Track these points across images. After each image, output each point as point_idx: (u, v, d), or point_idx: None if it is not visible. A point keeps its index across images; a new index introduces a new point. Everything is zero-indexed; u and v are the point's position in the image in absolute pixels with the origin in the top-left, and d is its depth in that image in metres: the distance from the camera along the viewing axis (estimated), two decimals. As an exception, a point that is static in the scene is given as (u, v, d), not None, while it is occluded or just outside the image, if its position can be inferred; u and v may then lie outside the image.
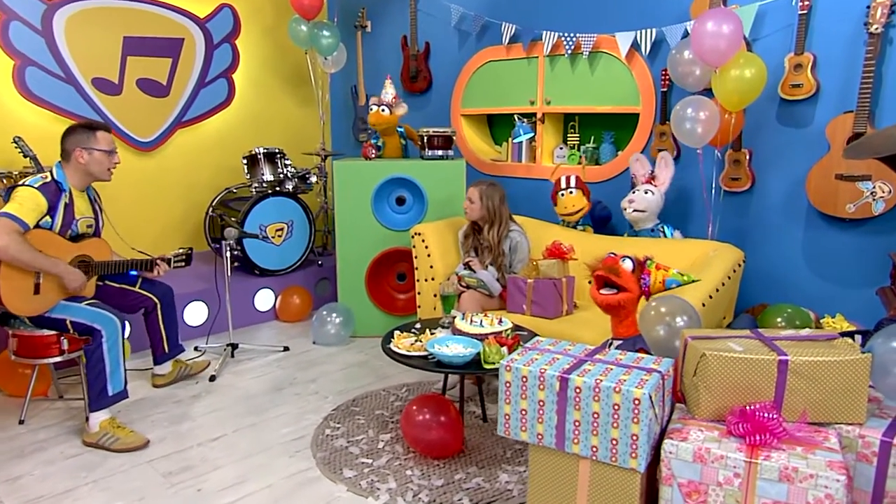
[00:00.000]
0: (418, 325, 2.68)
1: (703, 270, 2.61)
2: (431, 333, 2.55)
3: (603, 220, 3.62)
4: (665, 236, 3.19)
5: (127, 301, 2.89)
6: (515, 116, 3.83)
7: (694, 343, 1.59)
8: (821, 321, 2.90)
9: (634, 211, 3.16)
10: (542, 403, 1.52)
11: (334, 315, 3.71)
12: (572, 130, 4.07)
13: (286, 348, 3.64)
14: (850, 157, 1.99)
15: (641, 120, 3.61)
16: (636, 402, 1.41)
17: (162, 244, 4.31)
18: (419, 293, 3.35)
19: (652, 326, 2.19)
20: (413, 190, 3.71)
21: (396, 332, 2.53)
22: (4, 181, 3.45)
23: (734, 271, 2.65)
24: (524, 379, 1.56)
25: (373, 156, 3.75)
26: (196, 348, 3.61)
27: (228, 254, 3.41)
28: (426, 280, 3.30)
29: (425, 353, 2.29)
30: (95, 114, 4.15)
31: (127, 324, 3.07)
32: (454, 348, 2.28)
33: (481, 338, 2.33)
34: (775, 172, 3.15)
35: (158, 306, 2.96)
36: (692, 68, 2.86)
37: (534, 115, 4.06)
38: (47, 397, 2.93)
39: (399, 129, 4.10)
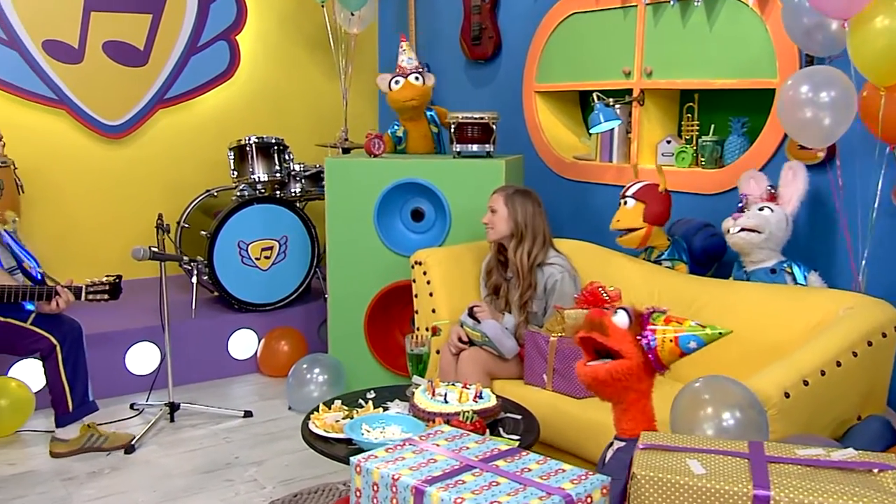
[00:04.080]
0: (371, 394, 2.68)
1: (815, 339, 2.37)
2: (383, 407, 2.54)
3: (710, 253, 3.39)
4: (795, 281, 2.93)
5: (15, 341, 3.17)
6: (594, 96, 3.73)
7: (641, 455, 1.45)
8: None
9: (743, 230, 2.94)
10: (395, 525, 1.47)
11: (317, 371, 3.81)
12: (689, 116, 3.89)
13: (248, 413, 3.79)
14: None
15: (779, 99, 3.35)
16: (500, 538, 1.31)
17: (131, 265, 4.58)
18: (417, 348, 3.36)
19: (689, 425, 2.02)
20: (434, 200, 3.74)
21: (328, 404, 2.55)
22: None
23: (869, 344, 2.37)
24: (375, 487, 1.51)
25: (379, 151, 3.83)
26: (132, 406, 3.87)
27: (164, 279, 3.63)
28: (427, 329, 3.30)
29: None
30: (47, 87, 4.66)
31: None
32: (389, 432, 2.26)
33: (431, 419, 2.29)
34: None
35: (58, 349, 3.21)
36: (822, 21, 2.62)
37: (629, 92, 3.94)
38: None
39: (429, 113, 4.17)
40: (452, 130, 3.76)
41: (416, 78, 3.99)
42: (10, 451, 3.41)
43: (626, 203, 3.26)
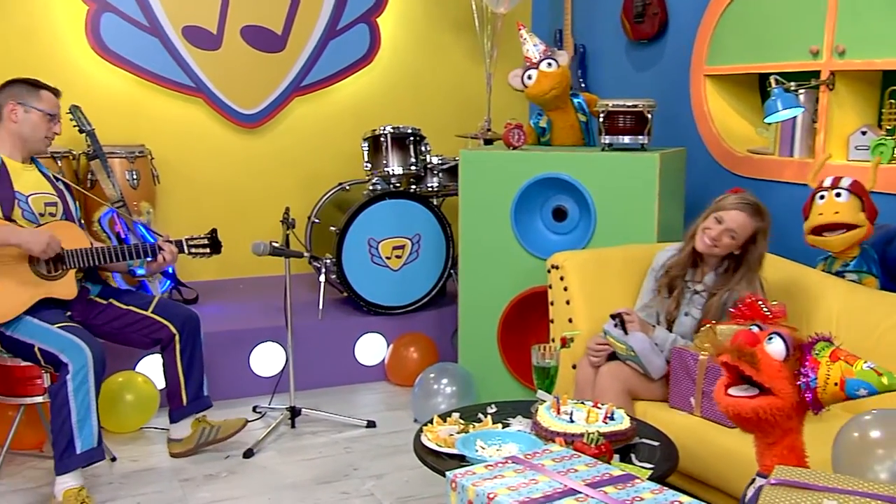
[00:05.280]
0: (492, 408, 2.71)
1: None
2: (502, 423, 2.56)
3: (905, 266, 3.18)
4: None
5: (136, 332, 3.43)
6: (771, 80, 3.60)
7: (769, 492, 1.39)
8: None
9: None
10: (488, 548, 1.49)
11: (445, 382, 3.88)
12: (892, 102, 3.67)
13: (371, 423, 3.92)
14: None
15: None
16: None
17: (260, 261, 4.78)
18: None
19: (855, 467, 1.92)
20: (578, 198, 3.72)
21: (444, 417, 2.60)
22: (59, 163, 4.38)
23: None
24: (469, 505, 1.54)
25: (518, 143, 3.86)
26: (255, 409, 4.10)
27: (289, 277, 3.81)
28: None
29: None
30: (185, 74, 5.01)
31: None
32: (506, 450, 2.27)
33: (552, 438, 2.28)
34: None
35: (177, 339, 3.45)
36: None
37: (816, 74, 3.76)
38: (41, 452, 3.57)
39: (576, 100, 4.15)
40: (602, 120, 3.73)
41: (549, 64, 3.98)
42: (134, 448, 3.70)
43: (838, 195, 3.04)
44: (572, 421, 2.37)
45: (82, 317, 3.31)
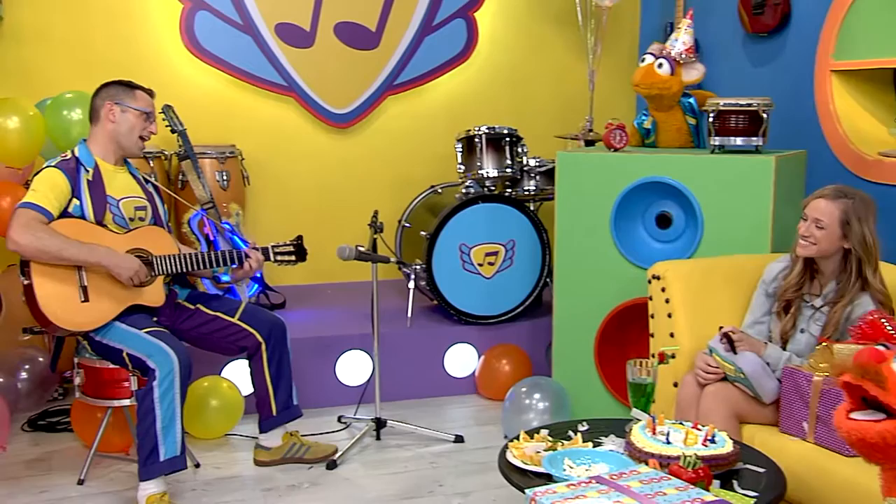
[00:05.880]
0: (583, 426, 2.69)
1: None
2: (594, 442, 2.53)
3: None
4: None
5: (222, 338, 3.53)
6: (901, 74, 3.47)
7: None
8: None
9: None
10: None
11: (537, 397, 3.86)
12: None
13: (459, 438, 3.93)
14: None
15: None
16: None
17: (348, 266, 4.82)
18: (649, 377, 3.30)
19: None
20: (684, 204, 3.66)
21: (531, 433, 2.60)
22: (151, 164, 4.57)
23: None
24: (548, 526, 1.53)
25: (620, 144, 3.82)
26: (340, 419, 4.16)
27: (376, 283, 3.86)
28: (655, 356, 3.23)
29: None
30: (277, 73, 5.14)
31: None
32: (596, 470, 2.25)
33: (645, 460, 2.25)
34: None
35: (263, 347, 3.53)
36: None
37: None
38: (128, 455, 3.69)
39: (686, 101, 4.09)
40: (711, 120, 3.65)
41: (660, 65, 3.93)
42: (219, 454, 3.81)
43: None
44: (669, 442, 2.33)
45: (170, 321, 3.43)
